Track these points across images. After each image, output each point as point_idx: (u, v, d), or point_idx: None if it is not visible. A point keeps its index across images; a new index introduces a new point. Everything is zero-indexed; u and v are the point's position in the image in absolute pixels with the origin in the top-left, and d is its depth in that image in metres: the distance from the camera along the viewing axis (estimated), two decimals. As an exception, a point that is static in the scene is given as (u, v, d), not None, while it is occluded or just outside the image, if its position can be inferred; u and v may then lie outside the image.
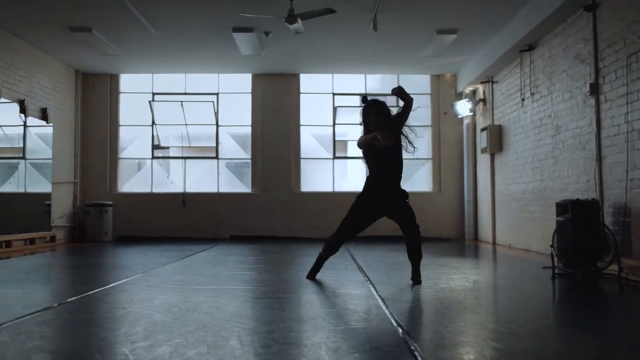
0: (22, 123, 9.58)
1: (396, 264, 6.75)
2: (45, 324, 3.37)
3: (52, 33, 8.92)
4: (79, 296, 4.25)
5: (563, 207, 5.90)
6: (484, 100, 10.73)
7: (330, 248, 5.21)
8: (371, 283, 4.99)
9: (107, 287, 4.78)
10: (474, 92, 11.25)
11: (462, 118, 11.37)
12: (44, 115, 9.96)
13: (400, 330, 3.08)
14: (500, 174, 9.99)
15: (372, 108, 5.12)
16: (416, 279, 5.01)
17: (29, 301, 4.27)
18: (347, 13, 7.81)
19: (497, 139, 9.95)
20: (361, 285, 4.91)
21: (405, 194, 5.23)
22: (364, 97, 5.27)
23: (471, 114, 11.14)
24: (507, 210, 9.62)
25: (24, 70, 9.35)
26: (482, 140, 10.43)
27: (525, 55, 8.55)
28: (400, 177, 5.25)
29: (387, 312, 3.61)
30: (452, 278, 5.43)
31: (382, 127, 5.02)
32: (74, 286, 5.03)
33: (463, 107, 11.02)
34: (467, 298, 4.41)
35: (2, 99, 8.69)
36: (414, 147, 5.30)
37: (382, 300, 4.06)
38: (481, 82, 10.62)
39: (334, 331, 3.10)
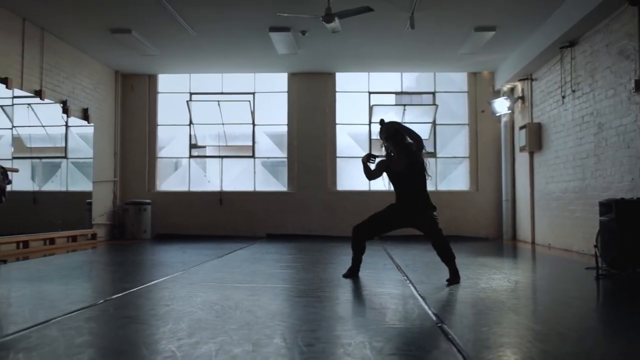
0: (64, 123, 9.80)
1: (434, 263, 6.66)
2: (92, 320, 3.44)
3: (94, 35, 9.10)
4: (123, 293, 4.33)
5: (607, 207, 5.78)
6: (522, 98, 10.58)
7: (355, 246, 5.31)
8: (411, 282, 4.97)
9: (149, 284, 4.86)
10: (512, 89, 11.09)
11: (499, 116, 11.22)
12: (85, 115, 10.17)
13: (444, 331, 3.05)
14: (540, 173, 9.83)
15: (386, 133, 5.28)
16: (453, 279, 4.96)
17: (75, 297, 4.36)
18: (383, 11, 7.77)
19: (537, 137, 9.79)
20: (401, 285, 4.88)
21: (425, 207, 5.19)
22: (381, 120, 5.41)
23: (509, 111, 10.98)
24: (547, 209, 9.46)
25: (66, 72, 9.57)
26: (521, 138, 10.27)
27: (566, 52, 8.39)
28: (418, 197, 5.23)
29: (429, 312, 3.59)
30: (492, 278, 5.36)
31: (399, 152, 5.21)
32: (118, 283, 5.12)
33: (501, 105, 10.87)
34: (509, 298, 4.35)
35: (46, 100, 8.90)
36: (429, 175, 5.32)
37: (423, 299, 4.04)
38: (519, 80, 10.45)
39: (377, 331, 3.09)
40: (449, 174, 11.99)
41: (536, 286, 5.28)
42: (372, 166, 5.47)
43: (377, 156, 5.46)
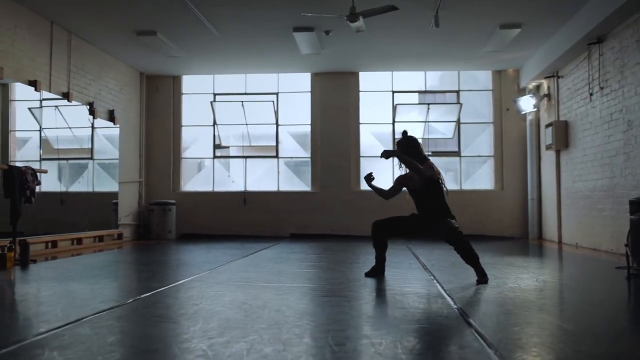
0: (91, 125, 9.92)
1: (461, 263, 6.56)
2: (123, 318, 3.47)
3: (119, 37, 9.20)
4: (151, 292, 4.36)
5: (637, 205, 5.68)
6: (548, 96, 10.45)
7: (376, 244, 5.35)
8: (438, 282, 4.94)
9: (176, 283, 4.90)
10: (538, 87, 10.96)
11: (525, 114, 11.10)
12: (111, 116, 10.28)
13: (474, 330, 3.02)
14: (567, 171, 9.70)
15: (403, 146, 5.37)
16: (481, 279, 4.91)
17: (105, 296, 4.41)
18: (408, 10, 7.73)
19: (563, 135, 9.67)
20: (428, 284, 4.86)
21: (442, 216, 5.14)
22: (404, 132, 5.51)
23: (535, 109, 10.86)
24: (574, 208, 9.33)
25: (93, 74, 9.69)
26: (547, 136, 10.15)
27: (593, 48, 8.27)
28: (435, 209, 5.20)
29: (458, 311, 3.56)
30: (520, 278, 5.30)
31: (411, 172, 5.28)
32: (145, 282, 5.16)
33: (526, 103, 10.75)
34: (538, 298, 4.30)
35: (73, 102, 9.02)
36: (446, 188, 5.32)
37: (452, 299, 4.01)
38: (545, 77, 10.33)
39: (407, 330, 3.07)
40: (473, 173, 11.90)
41: (565, 286, 5.20)
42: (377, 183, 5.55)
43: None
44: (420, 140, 5.49)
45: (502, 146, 11.53)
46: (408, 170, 5.34)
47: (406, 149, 5.32)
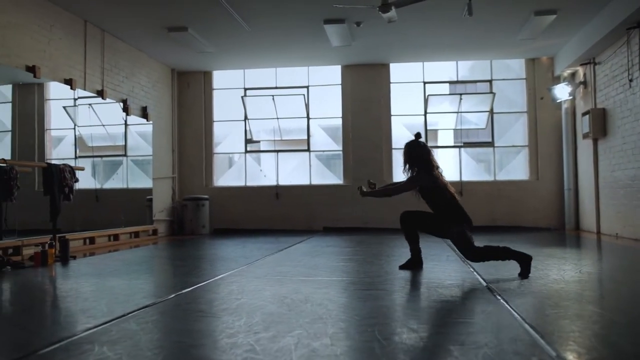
0: (124, 122, 10.02)
1: (499, 254, 6.55)
2: (166, 314, 3.49)
3: (151, 34, 9.27)
4: (191, 287, 4.38)
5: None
6: (584, 83, 10.22)
7: (407, 235, 5.31)
8: (478, 274, 4.86)
9: (216, 278, 4.91)
10: (573, 74, 10.74)
11: (560, 103, 10.88)
12: (144, 113, 10.38)
13: (525, 324, 2.96)
14: (605, 160, 9.49)
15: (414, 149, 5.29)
16: (524, 272, 4.80)
17: (146, 292, 4.45)
18: (440, -1, 7.62)
19: (601, 123, 9.46)
20: (469, 277, 4.79)
21: (449, 222, 5.07)
22: (417, 134, 5.42)
23: (570, 97, 10.64)
24: (613, 198, 9.13)
25: (125, 72, 9.78)
26: (584, 125, 9.95)
27: (633, 33, 8.04)
28: (437, 213, 5.20)
29: (505, 304, 3.49)
30: (563, 269, 5.19)
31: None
32: (184, 277, 5.18)
33: (562, 91, 10.54)
34: (584, 290, 4.21)
35: (107, 99, 9.11)
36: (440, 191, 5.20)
37: (496, 292, 3.94)
38: (581, 64, 10.11)
39: (454, 324, 3.03)
40: (507, 164, 11.73)
41: (610, 277, 5.09)
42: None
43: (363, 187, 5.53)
44: (422, 145, 5.31)
45: (536, 136, 11.33)
46: (414, 173, 5.26)
47: (407, 153, 5.29)
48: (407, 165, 5.28)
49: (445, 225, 5.08)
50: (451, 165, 11.68)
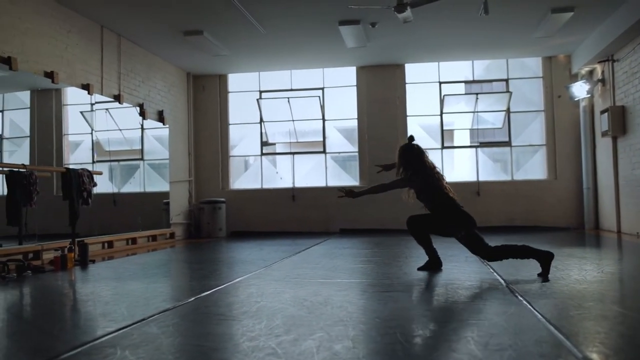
0: (140, 126, 10.09)
1: (519, 255, 6.49)
2: (187, 317, 3.49)
3: (167, 38, 9.31)
4: (211, 290, 4.38)
5: None
6: (602, 81, 10.11)
7: (419, 241, 5.33)
8: (499, 275, 4.81)
9: (234, 281, 4.91)
10: (591, 72, 10.62)
11: (578, 101, 10.77)
12: (160, 117, 10.43)
13: (549, 325, 2.92)
14: (625, 158, 9.37)
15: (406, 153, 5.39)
16: (544, 272, 4.75)
17: (166, 295, 4.46)
18: (456, -2, 7.57)
19: (620, 121, 9.35)
20: (489, 278, 4.74)
21: (447, 224, 5.17)
22: (411, 137, 5.54)
23: (588, 95, 10.51)
24: (634, 196, 9.01)
25: (142, 76, 9.84)
26: (603, 123, 9.83)
27: (652, 30, 7.95)
28: (435, 214, 5.25)
29: (527, 305, 3.45)
30: (584, 269, 5.13)
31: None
32: (203, 281, 5.18)
33: (579, 89, 10.42)
34: (607, 290, 4.15)
35: (124, 103, 9.17)
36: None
37: (517, 292, 3.89)
38: (599, 62, 9.99)
39: (477, 325, 2.99)
40: (525, 163, 11.63)
41: (632, 277, 5.02)
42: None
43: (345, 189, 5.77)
44: (416, 147, 5.42)
45: (554, 134, 11.23)
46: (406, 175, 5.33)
47: (401, 157, 5.40)
48: (401, 169, 5.36)
49: (446, 226, 5.11)
50: (468, 166, 11.61)
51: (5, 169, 6.58)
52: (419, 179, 5.21)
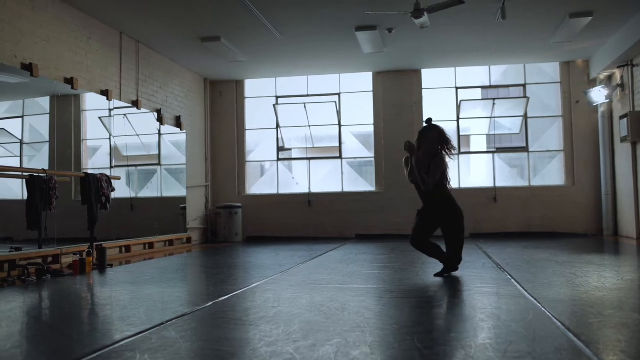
0: (158, 131, 10.16)
1: (536, 261, 6.46)
2: (205, 322, 3.50)
3: (185, 44, 9.38)
4: (228, 295, 4.40)
5: None
6: (622, 86, 10.01)
7: (426, 252, 5.42)
8: (516, 281, 4.78)
9: (251, 286, 4.92)
10: (610, 77, 10.53)
11: (596, 106, 10.67)
12: (177, 123, 10.50)
13: (568, 333, 2.89)
14: (645, 164, 9.27)
15: (427, 134, 5.47)
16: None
17: (183, 300, 4.49)
18: (473, 3, 7.53)
19: (640, 126, 9.25)
20: (507, 284, 4.71)
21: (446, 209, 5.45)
22: (429, 119, 5.65)
23: (607, 101, 10.41)
24: (654, 202, 8.90)
25: (160, 82, 9.92)
26: (622, 128, 9.73)
27: (672, 34, 7.86)
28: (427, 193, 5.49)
29: (546, 312, 3.43)
30: (603, 277, 5.07)
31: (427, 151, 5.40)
32: (220, 285, 5.21)
33: (598, 95, 10.33)
34: (628, 298, 4.11)
35: (142, 109, 9.25)
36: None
37: (536, 299, 3.86)
38: (618, 67, 9.90)
39: (495, 333, 2.97)
40: (542, 169, 11.55)
41: (654, 284, 4.95)
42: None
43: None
44: (440, 131, 5.49)
45: (572, 140, 11.14)
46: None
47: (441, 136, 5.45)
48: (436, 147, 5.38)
49: (447, 215, 5.35)
50: (485, 171, 11.55)
51: (25, 173, 6.66)
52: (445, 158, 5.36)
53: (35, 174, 6.59)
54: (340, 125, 11.78)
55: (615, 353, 2.53)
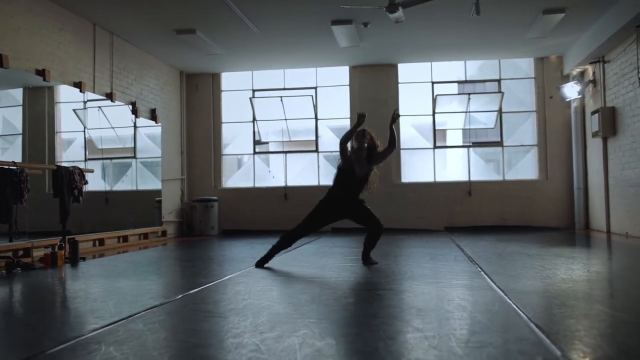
0: (133, 124, 10.08)
1: (508, 254, 6.55)
2: (174, 314, 3.51)
3: (160, 37, 9.32)
4: (199, 288, 4.40)
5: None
6: (594, 82, 10.17)
7: (286, 243, 6.06)
8: (486, 274, 4.85)
9: (223, 279, 4.93)
10: (582, 73, 10.68)
11: (569, 101, 10.83)
12: (153, 115, 10.43)
13: (530, 323, 2.95)
14: (615, 159, 9.43)
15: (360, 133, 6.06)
16: (368, 260, 5.73)
17: (154, 292, 4.47)
18: (447, -2, 7.61)
19: (611, 121, 9.41)
20: (476, 276, 4.77)
21: (360, 200, 6.10)
22: (361, 114, 6.03)
23: (580, 96, 10.57)
24: (623, 197, 9.07)
25: (134, 74, 9.84)
26: (593, 124, 9.89)
27: (642, 31, 8.00)
28: (360, 192, 6.08)
29: (511, 303, 3.49)
30: (571, 269, 5.16)
31: (361, 153, 6.04)
32: (192, 278, 5.21)
33: (571, 90, 10.48)
34: (592, 289, 4.20)
35: (116, 102, 9.18)
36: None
37: (502, 291, 3.93)
38: (590, 63, 10.06)
39: (460, 324, 3.02)
40: (516, 163, 11.69)
41: (618, 276, 5.06)
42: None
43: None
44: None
45: (545, 135, 11.29)
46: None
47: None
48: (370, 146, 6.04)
49: (361, 201, 6.06)
50: (460, 165, 11.66)
51: (-4, 166, 6.57)
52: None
53: (5, 167, 6.50)
54: (316, 118, 11.79)
55: (573, 342, 2.59)
